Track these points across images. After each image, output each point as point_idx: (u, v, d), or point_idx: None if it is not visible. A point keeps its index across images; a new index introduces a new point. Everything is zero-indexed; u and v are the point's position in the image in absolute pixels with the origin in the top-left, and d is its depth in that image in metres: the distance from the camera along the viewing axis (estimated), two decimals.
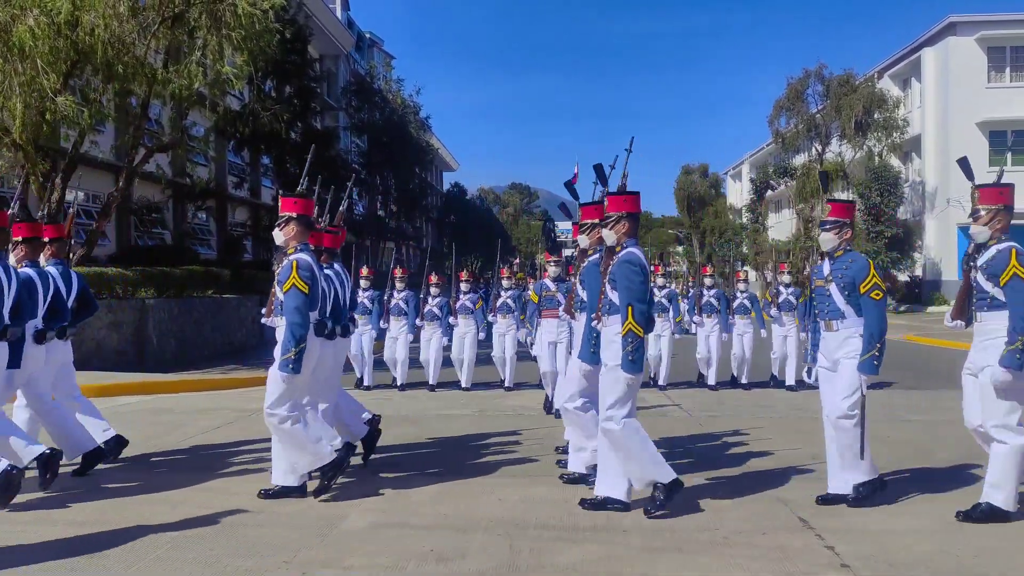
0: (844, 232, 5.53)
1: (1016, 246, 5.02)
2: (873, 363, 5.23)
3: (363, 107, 36.53)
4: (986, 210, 5.17)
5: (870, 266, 5.39)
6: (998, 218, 5.15)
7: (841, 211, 5.61)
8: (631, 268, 5.20)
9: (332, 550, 4.56)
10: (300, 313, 5.50)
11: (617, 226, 5.35)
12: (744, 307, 12.11)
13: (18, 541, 4.72)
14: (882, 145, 34.55)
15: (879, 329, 5.25)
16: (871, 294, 5.29)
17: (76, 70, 13.70)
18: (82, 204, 20.90)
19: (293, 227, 5.76)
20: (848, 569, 4.24)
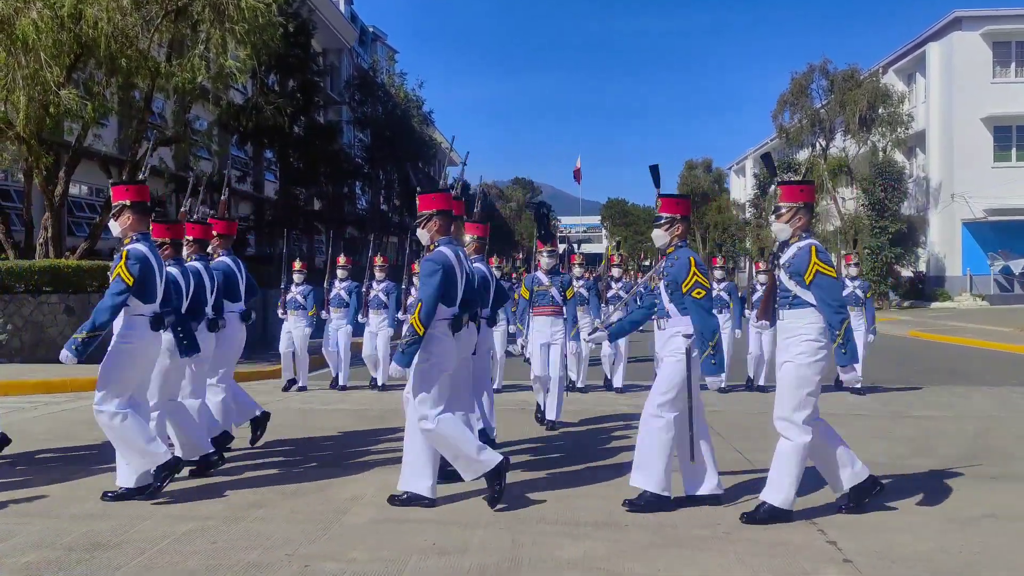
0: (675, 228, 5.34)
1: (815, 243, 4.98)
2: (711, 363, 5.10)
3: (366, 101, 36.46)
4: (787, 208, 5.09)
5: (691, 264, 5.16)
6: (798, 216, 5.08)
7: (671, 206, 5.39)
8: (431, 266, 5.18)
9: (334, 544, 4.57)
10: (112, 303, 5.17)
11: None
12: (722, 300, 10.93)
13: (22, 534, 4.73)
14: (886, 140, 34.43)
15: (707, 328, 5.09)
16: (692, 293, 5.12)
17: (79, 63, 13.71)
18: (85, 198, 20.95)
19: (128, 216, 5.47)
20: (850, 564, 4.24)
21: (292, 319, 11.16)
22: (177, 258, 6.16)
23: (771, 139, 46.85)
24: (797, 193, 5.15)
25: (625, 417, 8.72)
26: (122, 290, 5.20)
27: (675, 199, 5.40)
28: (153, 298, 5.40)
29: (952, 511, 5.19)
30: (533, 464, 6.58)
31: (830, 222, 37.09)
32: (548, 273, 8.40)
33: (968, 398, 10.23)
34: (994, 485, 5.90)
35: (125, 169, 15.96)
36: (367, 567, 4.21)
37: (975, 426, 8.25)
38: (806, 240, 5.05)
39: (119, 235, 5.53)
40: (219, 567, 4.20)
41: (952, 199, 32.71)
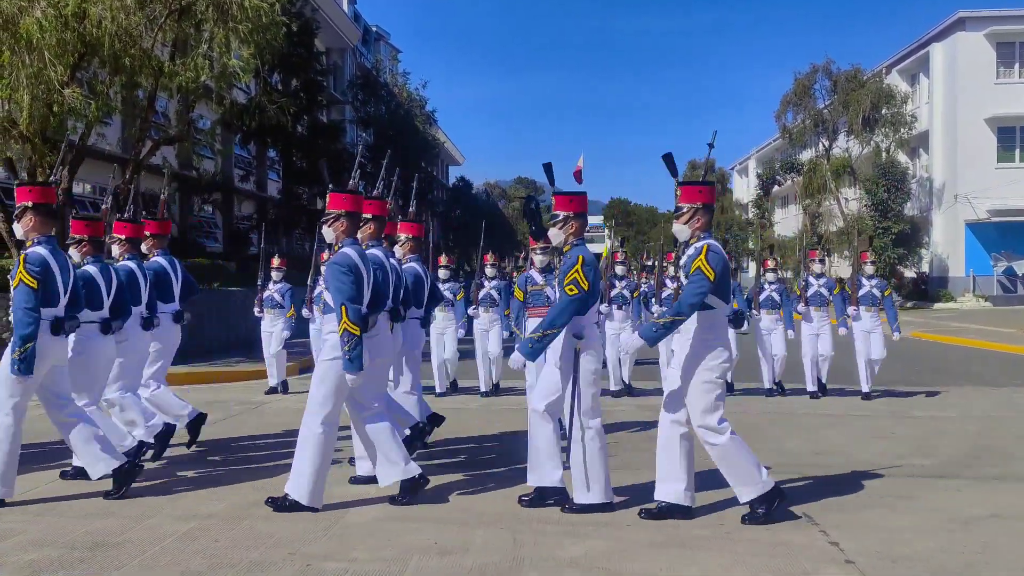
0: (569, 226, 5.25)
1: (709, 243, 4.92)
2: (528, 346, 5.09)
3: (369, 100, 36.50)
4: (687, 208, 5.04)
5: (578, 261, 5.06)
6: (697, 216, 5.03)
7: (564, 204, 5.28)
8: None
9: (336, 543, 4.58)
10: (28, 312, 5.07)
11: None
12: (772, 301, 10.47)
13: (25, 532, 4.74)
14: (890, 141, 34.41)
15: (556, 318, 5.02)
16: (567, 288, 5.05)
17: (83, 62, 13.72)
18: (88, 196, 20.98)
19: (30, 218, 5.32)
20: (852, 565, 4.24)
21: (269, 318, 10.69)
22: (96, 256, 6.15)
23: (774, 139, 46.85)
24: (696, 194, 5.07)
25: (625, 417, 8.73)
26: (28, 297, 5.09)
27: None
28: (55, 302, 5.31)
29: (954, 511, 5.19)
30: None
31: (833, 223, 37.07)
32: (542, 272, 7.99)
33: (970, 399, 10.22)
34: (996, 485, 5.90)
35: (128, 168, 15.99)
36: (368, 566, 4.22)
37: (977, 426, 8.24)
38: (702, 241, 4.98)
39: (21, 237, 5.45)
40: (221, 566, 4.21)
41: (955, 200, 32.66)
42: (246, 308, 17.95)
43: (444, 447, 7.26)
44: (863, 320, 10.17)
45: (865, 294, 10.28)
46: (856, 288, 10.30)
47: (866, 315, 10.24)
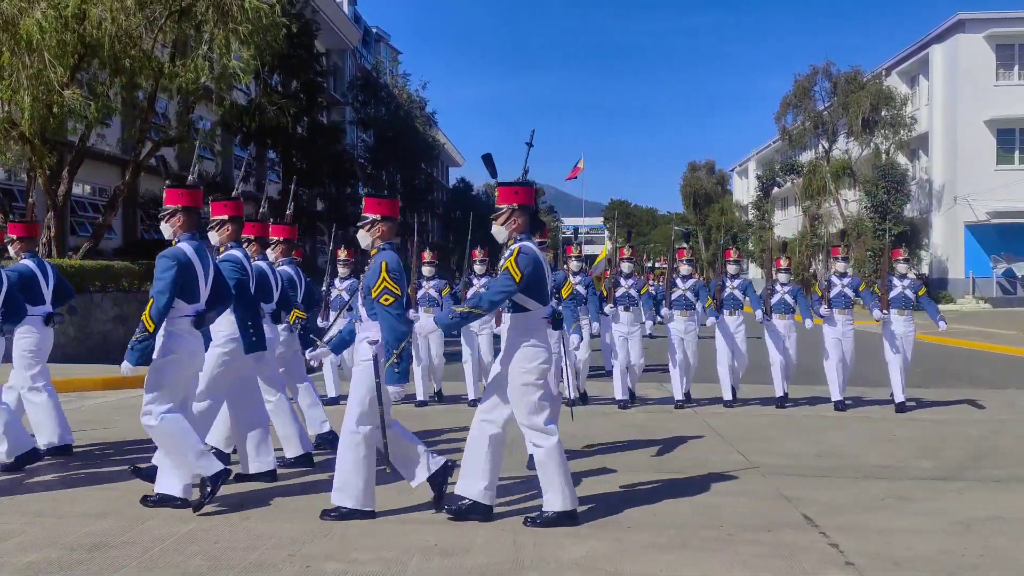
0: (376, 229, 5.09)
1: (522, 245, 4.85)
2: (394, 372, 4.84)
3: (369, 102, 36.53)
4: (504, 209, 4.96)
5: (381, 268, 4.89)
6: (514, 218, 4.94)
7: (372, 207, 5.13)
8: None
9: (337, 544, 4.57)
10: None
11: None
12: (785, 305, 9.60)
13: (25, 533, 4.73)
14: (889, 142, 34.46)
15: (393, 336, 4.84)
16: (380, 299, 4.86)
17: (83, 63, 13.74)
18: (88, 197, 20.98)
19: None
20: (853, 567, 4.23)
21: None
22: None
23: (774, 141, 46.87)
24: (512, 195, 4.97)
25: (624, 416, 8.72)
26: None
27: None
28: None
29: (955, 513, 5.18)
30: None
31: (833, 224, 37.09)
32: None
33: (971, 401, 10.21)
34: (998, 487, 5.89)
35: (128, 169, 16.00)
36: (369, 567, 4.21)
37: (978, 429, 8.23)
38: (517, 243, 4.90)
39: None
40: (221, 567, 4.20)
41: (955, 201, 32.68)
42: None
43: (443, 448, 7.25)
44: (896, 324, 9.38)
45: (897, 296, 9.45)
46: (886, 289, 9.45)
47: (898, 319, 9.40)
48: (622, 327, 9.44)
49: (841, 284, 9.54)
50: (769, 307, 9.57)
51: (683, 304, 9.54)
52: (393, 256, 5.02)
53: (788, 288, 9.68)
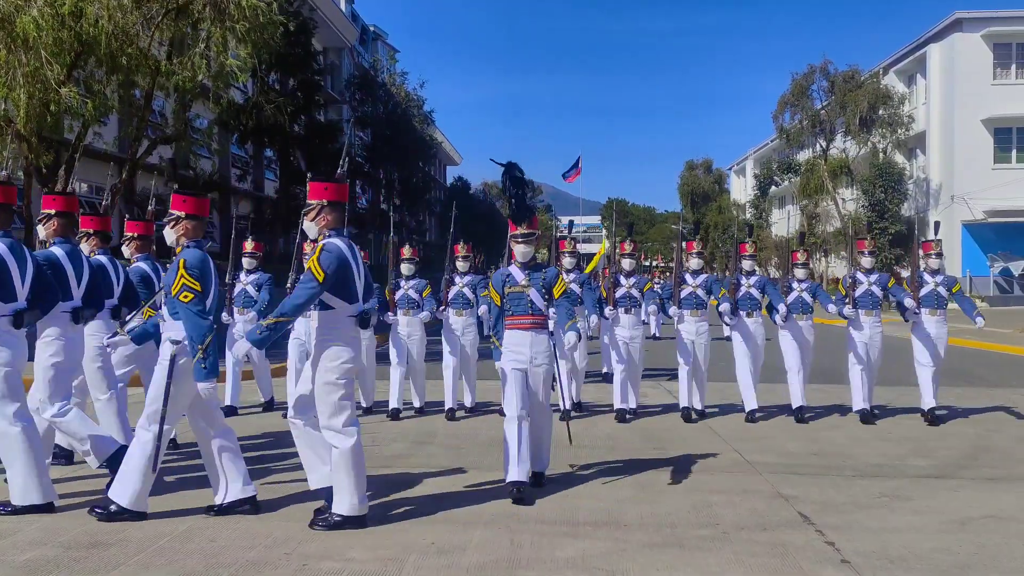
0: (180, 227, 5.00)
1: (326, 243, 4.79)
2: (201, 368, 4.73)
3: (367, 100, 36.50)
4: (315, 204, 4.92)
5: (179, 266, 4.81)
6: (324, 214, 4.91)
7: (177, 204, 5.02)
8: None
9: (333, 543, 4.57)
10: None
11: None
12: (803, 303, 8.63)
13: (21, 531, 4.73)
14: (887, 141, 34.51)
15: (196, 332, 4.74)
16: (180, 296, 4.79)
17: (80, 61, 13.70)
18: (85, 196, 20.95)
19: None
20: (848, 565, 4.24)
21: (242, 320, 8.85)
22: None
23: (772, 140, 46.91)
24: (322, 190, 4.92)
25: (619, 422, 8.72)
26: None
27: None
28: None
29: (951, 512, 5.19)
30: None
31: (830, 223, 37.14)
32: (525, 267, 5.91)
33: (968, 399, 10.23)
34: (993, 486, 5.91)
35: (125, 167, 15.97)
36: (366, 566, 4.21)
37: (974, 427, 8.25)
38: (325, 239, 4.83)
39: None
40: (218, 565, 4.20)
41: (952, 200, 32.73)
42: None
43: (440, 447, 7.26)
44: (928, 325, 8.56)
45: (929, 294, 8.58)
46: (917, 287, 8.58)
47: (930, 319, 8.56)
48: (623, 331, 8.51)
49: (868, 281, 8.62)
50: (785, 307, 8.55)
51: (693, 303, 8.54)
52: (195, 254, 4.93)
53: (806, 285, 8.71)
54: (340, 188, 5.00)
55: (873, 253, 8.85)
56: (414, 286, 8.68)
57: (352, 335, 4.89)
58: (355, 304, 4.89)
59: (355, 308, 4.88)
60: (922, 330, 8.66)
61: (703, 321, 8.61)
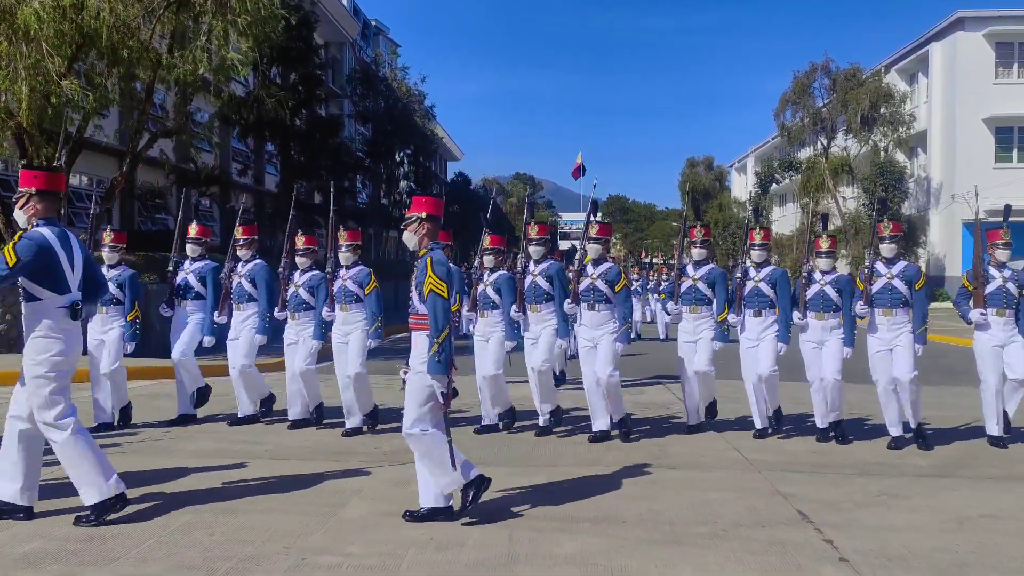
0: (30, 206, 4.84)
1: (28, 231, 4.68)
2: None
3: (368, 95, 36.44)
4: (22, 193, 4.80)
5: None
6: (32, 203, 4.78)
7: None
8: None
9: (332, 537, 4.57)
10: None
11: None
12: (826, 299, 7.24)
13: (20, 524, 4.73)
14: (888, 140, 34.46)
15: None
16: None
17: (81, 54, 13.68)
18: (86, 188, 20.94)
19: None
20: (847, 563, 4.24)
21: (186, 313, 8.10)
22: None
23: (773, 137, 46.86)
24: (31, 179, 4.81)
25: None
26: None
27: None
28: None
29: (950, 511, 5.19)
30: (527, 461, 6.58)
31: (831, 221, 37.11)
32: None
33: (967, 398, 10.22)
34: (991, 485, 5.91)
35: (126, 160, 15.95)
36: (364, 561, 4.21)
37: (974, 426, 8.25)
38: (33, 230, 4.72)
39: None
40: (216, 559, 4.20)
41: (953, 199, 32.69)
42: None
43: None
44: (994, 328, 7.04)
45: (996, 291, 7.08)
46: (982, 283, 7.17)
47: (996, 321, 7.01)
48: (586, 330, 7.28)
49: (889, 273, 7.13)
50: (804, 304, 7.32)
51: (693, 298, 7.55)
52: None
53: (832, 278, 7.28)
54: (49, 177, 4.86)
55: (894, 238, 7.25)
56: (353, 276, 7.59)
57: (65, 327, 4.79)
58: (66, 295, 4.81)
59: (65, 299, 4.80)
60: (987, 336, 7.10)
61: (703, 319, 7.53)
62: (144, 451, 6.78)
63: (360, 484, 5.69)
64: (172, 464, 6.29)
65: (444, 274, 4.74)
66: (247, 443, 7.15)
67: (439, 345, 4.65)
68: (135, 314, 7.82)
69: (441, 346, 4.66)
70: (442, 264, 4.79)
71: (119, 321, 7.79)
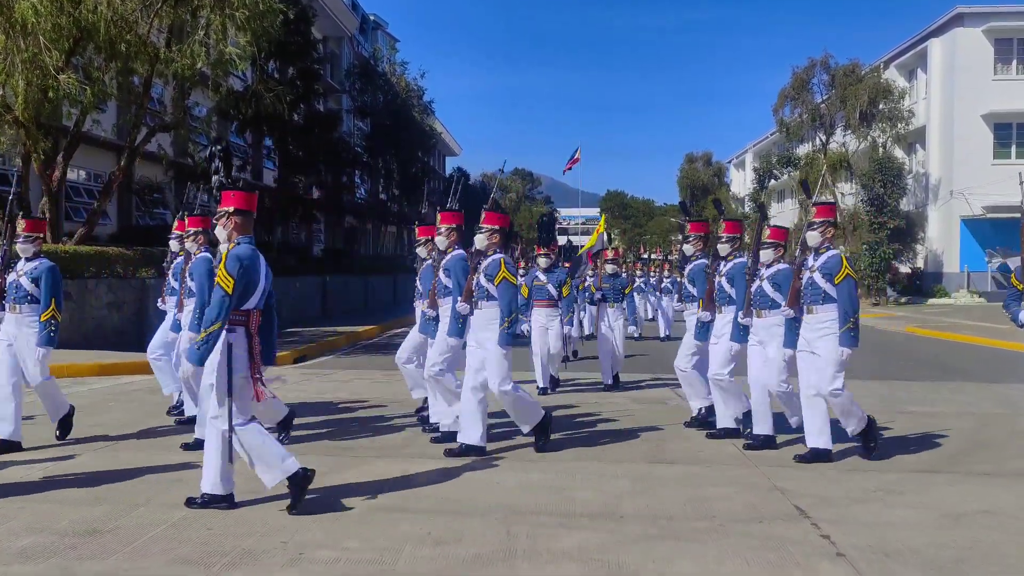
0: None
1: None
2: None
3: (366, 90, 36.36)
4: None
5: None
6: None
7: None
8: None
9: (329, 532, 4.57)
10: None
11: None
12: (763, 296, 6.79)
13: (17, 518, 4.73)
14: (887, 136, 34.42)
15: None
16: None
17: (78, 48, 13.65)
18: (83, 183, 20.92)
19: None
20: (844, 558, 4.25)
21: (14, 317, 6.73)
22: None
23: (771, 133, 46.84)
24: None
25: (615, 405, 8.73)
26: None
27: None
28: None
29: (947, 507, 5.20)
30: (526, 455, 6.58)
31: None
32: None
33: (964, 394, 10.25)
34: (988, 481, 5.92)
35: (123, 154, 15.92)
36: (362, 555, 4.21)
37: (970, 422, 8.26)
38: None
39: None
40: (213, 554, 4.20)
41: (951, 196, 32.71)
42: None
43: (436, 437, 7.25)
44: None
45: None
46: None
47: None
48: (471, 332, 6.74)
49: (763, 276, 6.72)
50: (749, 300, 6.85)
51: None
52: None
53: (772, 272, 6.74)
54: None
55: None
56: (30, 272, 6.80)
57: None
58: None
59: None
60: None
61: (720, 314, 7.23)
62: (141, 447, 6.78)
63: (357, 479, 5.69)
64: (169, 460, 6.28)
65: (235, 270, 4.76)
66: None
67: (206, 335, 4.72)
68: (51, 313, 6.67)
69: (207, 337, 4.72)
70: (239, 259, 4.80)
71: (34, 320, 6.70)
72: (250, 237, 5.04)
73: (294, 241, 31.40)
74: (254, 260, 4.93)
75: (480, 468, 6.07)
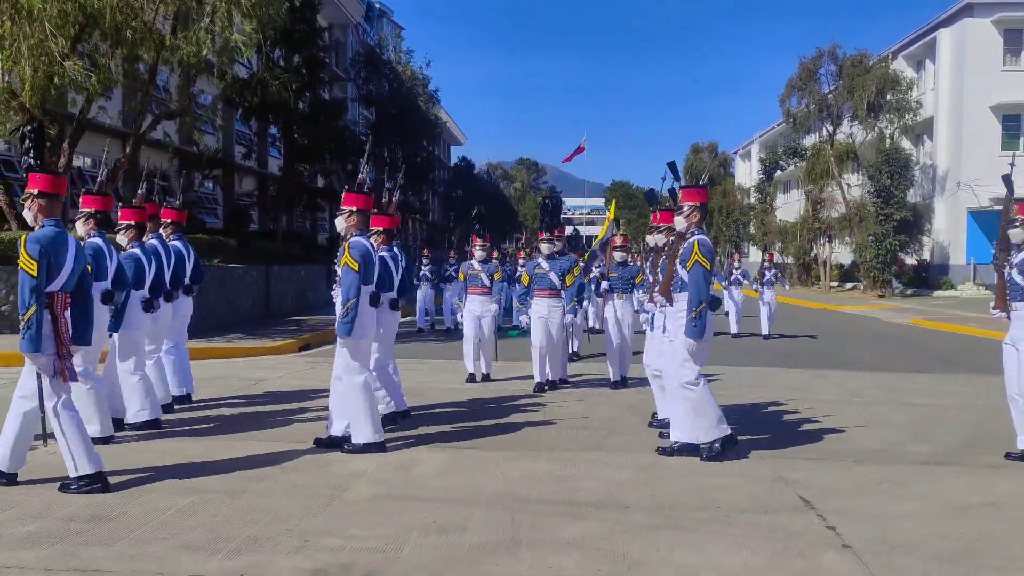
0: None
1: None
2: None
3: (372, 78, 36.29)
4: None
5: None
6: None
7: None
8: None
9: (334, 520, 4.58)
10: None
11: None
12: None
13: (23, 504, 4.75)
14: (894, 127, 34.25)
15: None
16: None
17: (84, 34, 13.63)
18: (89, 170, 20.93)
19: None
20: (849, 550, 4.25)
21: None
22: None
23: (778, 124, 46.65)
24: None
25: (620, 396, 8.73)
26: None
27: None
28: None
29: (951, 498, 5.19)
30: (529, 446, 6.59)
31: (835, 208, 36.98)
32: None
33: (969, 386, 10.23)
34: (993, 473, 5.91)
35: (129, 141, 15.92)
36: (367, 543, 4.22)
37: (975, 414, 8.25)
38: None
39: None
40: (219, 540, 4.22)
41: (958, 187, 32.56)
42: (246, 284, 17.97)
43: (442, 427, 7.27)
44: None
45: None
46: None
47: None
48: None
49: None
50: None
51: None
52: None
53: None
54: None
55: None
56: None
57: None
58: None
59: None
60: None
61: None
62: (151, 434, 6.80)
63: (362, 467, 5.70)
64: (175, 447, 6.30)
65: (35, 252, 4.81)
66: (249, 425, 7.17)
67: (24, 321, 4.82)
68: None
69: (27, 323, 4.80)
70: (38, 242, 4.85)
71: None
72: (56, 220, 5.08)
73: (299, 229, 31.40)
74: (57, 243, 4.95)
75: (485, 457, 6.07)
